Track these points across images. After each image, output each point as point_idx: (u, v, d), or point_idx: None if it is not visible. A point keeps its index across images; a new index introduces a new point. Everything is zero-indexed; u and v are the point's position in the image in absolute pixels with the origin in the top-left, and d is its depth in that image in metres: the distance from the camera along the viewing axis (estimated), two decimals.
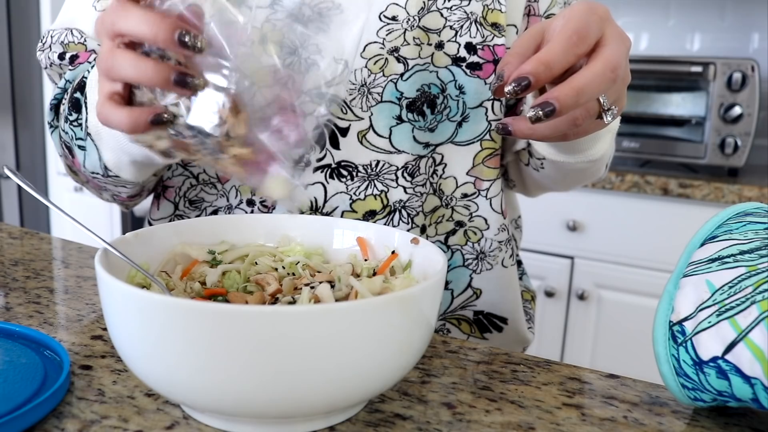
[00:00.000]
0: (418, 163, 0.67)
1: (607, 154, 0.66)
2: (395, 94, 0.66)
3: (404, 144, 0.66)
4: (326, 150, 0.67)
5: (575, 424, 0.43)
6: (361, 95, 0.66)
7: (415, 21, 0.66)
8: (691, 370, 0.42)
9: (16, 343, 0.49)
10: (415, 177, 0.67)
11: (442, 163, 0.68)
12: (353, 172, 0.66)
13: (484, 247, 0.71)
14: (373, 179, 0.66)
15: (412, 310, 0.39)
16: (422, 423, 0.42)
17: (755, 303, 0.40)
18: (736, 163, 1.67)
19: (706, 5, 2.00)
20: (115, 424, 0.41)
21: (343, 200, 0.67)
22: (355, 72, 0.66)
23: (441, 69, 0.66)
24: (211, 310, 0.35)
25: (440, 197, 0.69)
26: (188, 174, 0.71)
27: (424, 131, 0.67)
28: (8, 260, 0.73)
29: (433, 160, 0.68)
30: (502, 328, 0.75)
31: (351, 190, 0.67)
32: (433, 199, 0.69)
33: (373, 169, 0.66)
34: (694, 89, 1.75)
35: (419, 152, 0.67)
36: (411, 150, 0.67)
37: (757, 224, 0.45)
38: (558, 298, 1.75)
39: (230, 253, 0.53)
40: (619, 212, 1.67)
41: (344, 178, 0.66)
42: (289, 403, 0.37)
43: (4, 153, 2.77)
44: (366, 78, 0.66)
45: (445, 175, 0.69)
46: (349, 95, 0.66)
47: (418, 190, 0.67)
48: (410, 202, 0.67)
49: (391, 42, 0.66)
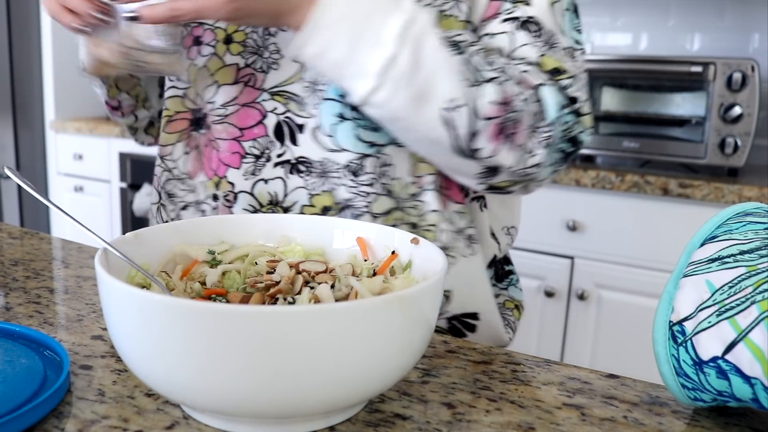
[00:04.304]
0: (363, 162, 0.66)
1: (395, 103, 0.58)
2: (337, 91, 0.66)
3: (346, 142, 0.66)
4: (286, 146, 0.68)
5: (575, 424, 0.43)
6: (312, 93, 0.67)
7: None
8: (691, 370, 0.42)
9: (16, 343, 0.49)
10: (359, 176, 0.66)
11: (390, 164, 0.67)
12: (310, 168, 0.67)
13: (445, 242, 0.70)
14: (325, 176, 0.67)
15: (412, 310, 0.39)
16: (422, 423, 0.42)
17: (755, 303, 0.40)
18: (736, 163, 1.67)
19: (705, 5, 2.00)
20: (115, 424, 0.41)
21: (302, 195, 0.68)
22: (308, 70, 0.67)
23: None
24: (211, 310, 0.35)
25: (395, 198, 0.68)
26: (164, 167, 0.75)
27: (369, 130, 0.66)
28: (8, 260, 0.73)
29: (381, 161, 0.67)
30: (474, 327, 0.75)
31: (309, 185, 0.68)
32: (387, 201, 0.68)
33: (324, 166, 0.67)
34: (694, 89, 1.75)
35: (363, 151, 0.66)
36: (353, 148, 0.66)
37: (757, 224, 0.45)
38: (558, 298, 1.75)
39: (230, 253, 0.53)
40: (619, 212, 1.67)
41: (302, 174, 0.68)
42: (289, 403, 0.37)
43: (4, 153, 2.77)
44: (315, 75, 0.67)
45: (394, 176, 0.68)
46: (304, 93, 0.67)
47: (362, 189, 0.67)
48: (354, 201, 0.67)
49: None
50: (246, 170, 0.69)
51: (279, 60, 0.68)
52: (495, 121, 0.60)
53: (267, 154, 0.68)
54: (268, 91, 0.68)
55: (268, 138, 0.68)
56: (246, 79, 0.69)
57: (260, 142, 0.68)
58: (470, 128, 0.59)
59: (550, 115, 0.63)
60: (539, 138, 0.63)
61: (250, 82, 0.69)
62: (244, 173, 0.69)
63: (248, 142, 0.69)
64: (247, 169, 0.68)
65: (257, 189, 0.68)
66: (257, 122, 0.68)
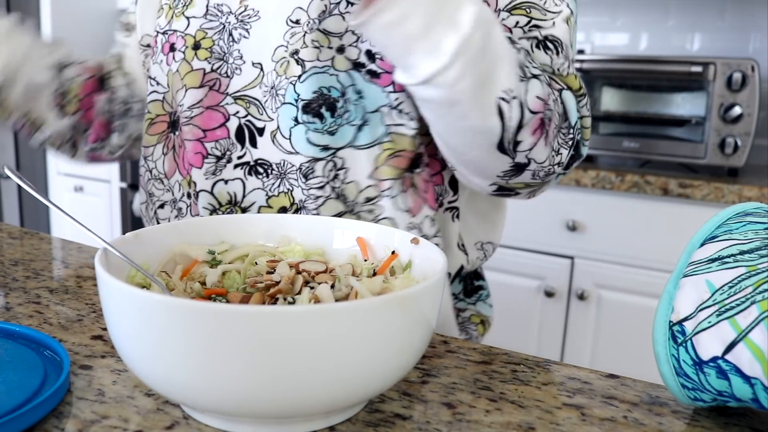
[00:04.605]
0: (313, 166, 0.67)
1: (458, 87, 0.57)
2: (293, 95, 0.67)
3: (299, 145, 0.67)
4: (246, 148, 0.69)
5: (575, 424, 0.43)
6: (272, 97, 0.68)
7: (314, 24, 0.67)
8: (691, 370, 0.42)
9: (16, 343, 0.49)
10: (309, 179, 0.67)
11: (344, 167, 0.67)
12: (268, 170, 0.69)
13: None
14: (283, 177, 0.68)
15: (412, 310, 0.39)
16: (422, 423, 0.42)
17: (755, 303, 0.40)
18: (736, 163, 1.67)
19: (705, 5, 2.01)
20: (115, 424, 0.41)
21: (260, 196, 0.69)
22: (267, 75, 0.69)
23: (341, 73, 0.66)
24: (211, 310, 0.35)
25: (344, 202, 0.68)
26: (146, 167, 0.77)
27: (322, 134, 0.67)
28: (8, 260, 0.73)
29: (334, 164, 0.67)
30: None
31: (266, 186, 0.69)
32: (336, 204, 0.67)
33: (282, 168, 0.68)
34: (694, 89, 1.76)
35: (314, 154, 0.66)
36: (304, 152, 0.67)
37: (757, 224, 0.45)
38: (558, 298, 1.75)
39: (230, 253, 0.53)
40: (619, 212, 1.67)
41: (261, 175, 0.69)
42: (289, 403, 0.37)
43: (4, 153, 2.77)
44: (275, 80, 0.68)
45: (347, 180, 0.68)
46: (263, 97, 0.69)
47: (312, 192, 0.67)
48: (307, 203, 0.67)
49: (293, 45, 0.67)
50: (207, 170, 0.70)
51: (241, 66, 0.70)
52: (538, 116, 0.61)
53: (228, 156, 0.70)
54: (232, 95, 0.70)
55: (229, 140, 0.70)
56: (211, 83, 0.71)
57: (222, 144, 0.70)
58: (519, 120, 0.60)
59: (572, 118, 0.66)
60: (564, 138, 0.65)
61: (215, 86, 0.70)
62: (205, 173, 0.70)
63: (210, 143, 0.70)
64: (208, 169, 0.70)
65: (217, 189, 0.70)
66: (220, 124, 0.70)
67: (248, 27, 0.70)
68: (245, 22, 0.70)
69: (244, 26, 0.70)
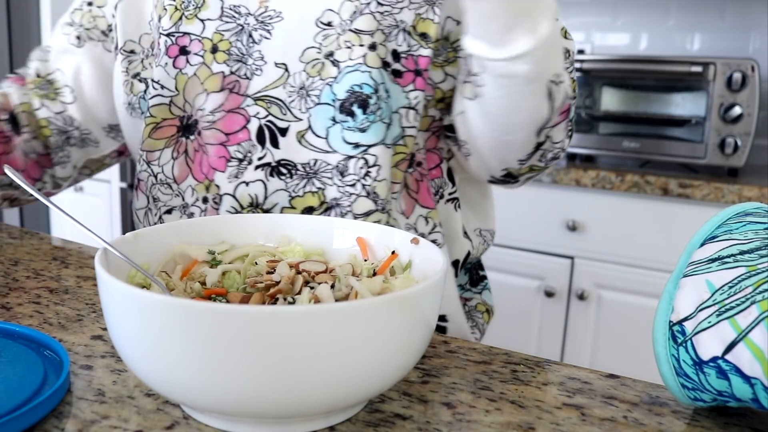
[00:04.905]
0: (347, 164, 0.68)
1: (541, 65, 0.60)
2: (331, 96, 0.68)
3: (336, 144, 0.68)
4: (266, 149, 0.69)
5: (575, 424, 0.43)
6: (300, 97, 0.68)
7: (347, 24, 0.68)
8: (691, 370, 0.42)
9: (16, 343, 0.49)
10: (345, 177, 0.68)
11: (376, 165, 0.68)
12: (292, 171, 0.69)
13: None
14: (312, 177, 0.69)
15: (412, 310, 0.39)
16: (422, 423, 0.42)
17: (755, 303, 0.40)
18: (736, 163, 1.67)
19: (705, 5, 2.01)
20: (115, 424, 0.41)
21: (282, 197, 0.69)
22: (294, 75, 0.69)
23: (374, 69, 0.67)
24: (211, 310, 0.35)
25: (375, 201, 0.68)
26: (150, 172, 0.75)
27: (354, 131, 0.67)
28: (8, 260, 0.73)
29: (365, 161, 0.67)
30: (445, 329, 0.76)
31: (290, 187, 0.69)
32: (366, 203, 0.68)
33: (312, 168, 0.68)
34: (694, 89, 1.76)
35: (348, 152, 0.68)
36: (341, 150, 0.68)
37: (757, 224, 0.45)
38: (558, 298, 1.75)
39: (230, 253, 0.53)
40: (619, 212, 1.67)
41: (284, 176, 0.69)
42: (289, 403, 0.37)
43: None
44: (305, 81, 0.68)
45: (379, 178, 0.68)
46: (289, 97, 0.69)
47: (346, 190, 0.68)
48: (341, 200, 0.68)
49: (327, 47, 0.68)
50: (230, 173, 0.70)
51: (262, 66, 0.70)
52: (568, 102, 0.66)
53: (249, 158, 0.70)
54: (252, 96, 0.70)
55: (250, 142, 0.70)
56: (231, 86, 0.71)
57: (243, 146, 0.70)
58: (562, 104, 0.65)
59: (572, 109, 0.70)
60: (570, 125, 0.70)
61: (235, 89, 0.70)
62: (228, 176, 0.70)
63: (233, 146, 0.70)
64: (231, 172, 0.70)
65: (239, 191, 0.70)
66: (241, 127, 0.70)
67: (270, 28, 0.70)
68: (266, 23, 0.70)
69: (264, 27, 0.70)
